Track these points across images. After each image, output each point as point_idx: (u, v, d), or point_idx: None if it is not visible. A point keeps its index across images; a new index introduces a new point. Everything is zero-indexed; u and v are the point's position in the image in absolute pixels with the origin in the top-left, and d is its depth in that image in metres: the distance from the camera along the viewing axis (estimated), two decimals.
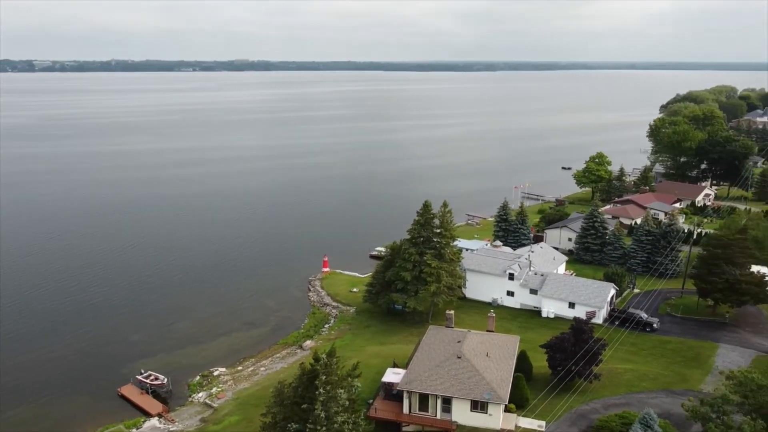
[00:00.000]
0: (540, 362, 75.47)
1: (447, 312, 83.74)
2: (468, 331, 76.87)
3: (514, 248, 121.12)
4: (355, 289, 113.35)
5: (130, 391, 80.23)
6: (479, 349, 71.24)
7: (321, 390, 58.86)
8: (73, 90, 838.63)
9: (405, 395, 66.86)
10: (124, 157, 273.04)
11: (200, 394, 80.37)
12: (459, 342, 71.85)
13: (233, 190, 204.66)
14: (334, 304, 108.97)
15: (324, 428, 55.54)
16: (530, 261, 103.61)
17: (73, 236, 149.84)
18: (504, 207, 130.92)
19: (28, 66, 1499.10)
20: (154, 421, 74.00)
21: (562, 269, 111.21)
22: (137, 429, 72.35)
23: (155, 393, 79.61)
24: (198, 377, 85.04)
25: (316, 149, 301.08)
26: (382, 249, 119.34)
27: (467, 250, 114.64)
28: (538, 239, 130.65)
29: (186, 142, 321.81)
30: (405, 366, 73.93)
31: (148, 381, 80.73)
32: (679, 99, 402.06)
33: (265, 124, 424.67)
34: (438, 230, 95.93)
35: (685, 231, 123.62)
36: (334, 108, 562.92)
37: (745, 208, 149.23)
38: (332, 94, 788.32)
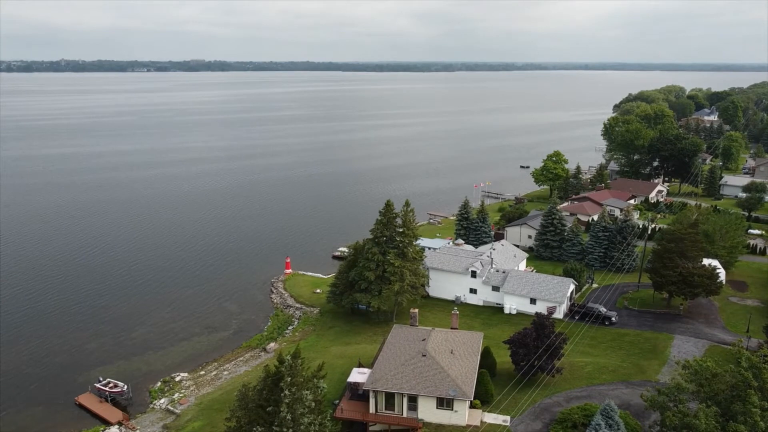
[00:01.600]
0: (503, 358, 76.50)
1: (411, 311, 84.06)
2: (432, 329, 77.29)
3: (476, 246, 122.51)
4: (318, 290, 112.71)
5: (88, 399, 77.89)
6: (444, 346, 71.73)
7: (286, 392, 58.27)
8: (18, 91, 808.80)
9: (371, 395, 66.78)
10: (73, 160, 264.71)
11: (162, 401, 78.60)
12: (423, 340, 72.18)
13: (190, 193, 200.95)
14: (298, 305, 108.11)
15: (290, 430, 55.10)
16: (492, 258, 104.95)
17: (23, 242, 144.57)
18: (465, 206, 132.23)
19: None
20: (114, 430, 72.04)
21: (522, 266, 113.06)
22: None
23: (114, 401, 77.48)
24: (159, 383, 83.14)
25: (274, 150, 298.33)
26: (345, 249, 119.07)
27: (430, 248, 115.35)
28: (498, 237, 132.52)
29: (139, 144, 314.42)
30: (370, 366, 73.89)
31: (107, 389, 78.48)
32: (631, 99, 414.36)
33: (222, 124, 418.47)
34: (400, 229, 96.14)
35: (640, 227, 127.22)
36: (291, 108, 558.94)
37: (696, 204, 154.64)
38: (290, 94, 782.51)
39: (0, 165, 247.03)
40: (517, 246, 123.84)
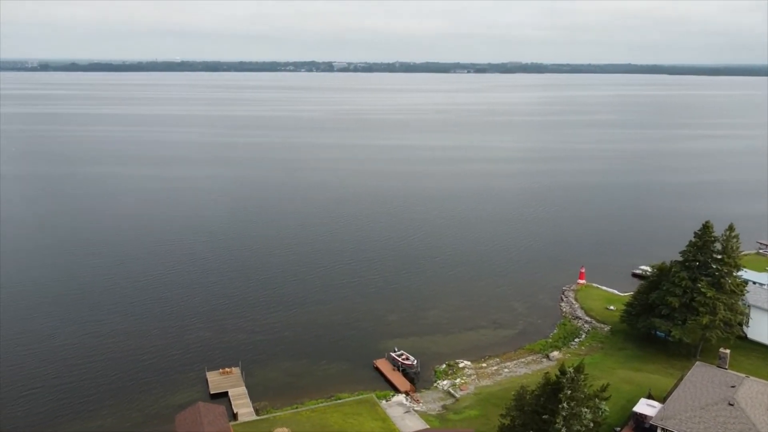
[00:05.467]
0: None
1: (721, 350, 73.65)
2: (746, 376, 66.66)
3: None
4: (611, 307, 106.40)
5: (383, 365, 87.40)
6: (759, 400, 61.27)
7: (564, 404, 56.84)
8: (362, 89, 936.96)
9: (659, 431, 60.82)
10: (389, 151, 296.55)
11: (444, 382, 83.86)
12: (733, 387, 62.75)
13: (490, 190, 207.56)
14: (587, 318, 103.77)
15: None
16: None
17: (350, 223, 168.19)
18: None
19: (328, 67, 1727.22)
20: (401, 398, 79.49)
21: None
22: (386, 401, 78.46)
23: (405, 372, 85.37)
24: (444, 365, 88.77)
25: (577, 155, 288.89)
26: (648, 268, 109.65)
27: (755, 283, 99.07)
28: None
29: (445, 140, 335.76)
30: (662, 400, 67.25)
31: (400, 359, 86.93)
32: None
33: (528, 126, 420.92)
34: (718, 256, 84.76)
35: None
36: (603, 112, 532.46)
37: None
38: (604, 97, 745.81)
39: (355, 152, 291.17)
40: None
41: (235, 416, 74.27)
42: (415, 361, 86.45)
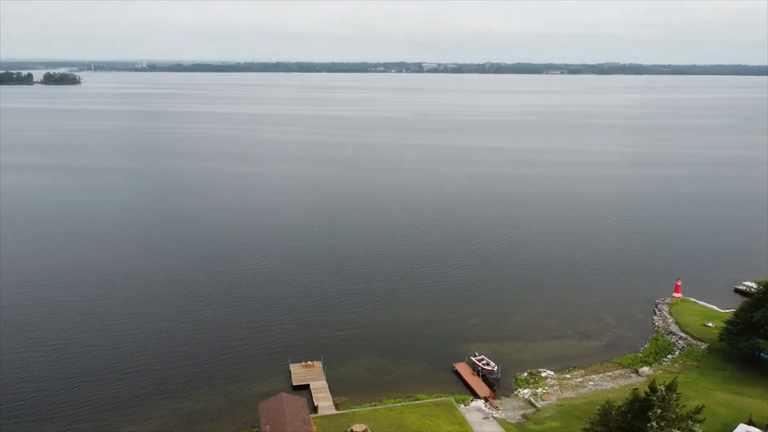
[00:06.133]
0: None
1: None
2: None
3: None
4: (710, 324, 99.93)
5: (463, 369, 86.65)
6: None
7: (654, 424, 54.27)
8: (445, 89, 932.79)
9: None
10: (477, 153, 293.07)
11: (525, 391, 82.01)
12: None
13: (583, 195, 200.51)
14: (682, 334, 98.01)
15: None
16: None
17: (436, 222, 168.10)
18: None
19: (418, 67, 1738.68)
20: (480, 403, 78.50)
21: None
22: (464, 405, 77.75)
23: (485, 377, 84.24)
24: (525, 374, 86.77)
25: (677, 161, 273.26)
26: (753, 284, 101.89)
27: None
28: None
29: (535, 143, 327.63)
30: (764, 427, 62.41)
31: (480, 364, 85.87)
32: None
33: (625, 130, 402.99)
34: None
35: None
36: (708, 117, 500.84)
37: None
38: (706, 101, 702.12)
39: (443, 153, 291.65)
40: None
41: (315, 409, 76.15)
42: (496, 367, 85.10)
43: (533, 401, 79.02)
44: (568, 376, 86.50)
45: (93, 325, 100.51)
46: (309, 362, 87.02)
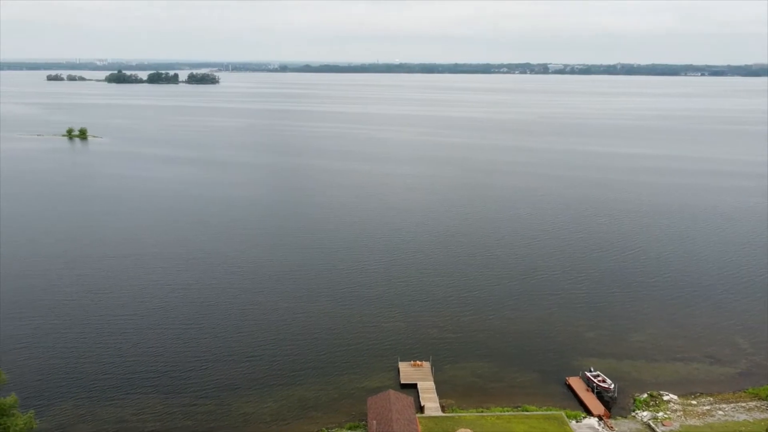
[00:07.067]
0: None
1: None
2: None
3: None
4: None
5: (576, 384, 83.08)
6: None
7: None
8: (574, 92, 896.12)
9: None
10: (600, 158, 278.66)
11: (644, 413, 77.07)
12: None
13: (720, 208, 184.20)
14: None
15: None
16: None
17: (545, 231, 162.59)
18: None
19: (543, 69, 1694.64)
20: (593, 421, 74.92)
21: None
22: (576, 421, 74.54)
23: (599, 394, 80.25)
24: (645, 395, 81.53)
25: None
26: None
27: None
28: None
29: (672, 150, 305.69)
30: None
31: (595, 380, 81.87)
32: None
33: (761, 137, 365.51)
34: None
35: None
36: None
37: None
38: None
39: (563, 158, 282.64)
40: None
41: (421, 409, 76.57)
42: (613, 385, 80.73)
43: (653, 425, 74.06)
44: (693, 402, 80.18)
45: (221, 308, 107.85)
46: (418, 362, 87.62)
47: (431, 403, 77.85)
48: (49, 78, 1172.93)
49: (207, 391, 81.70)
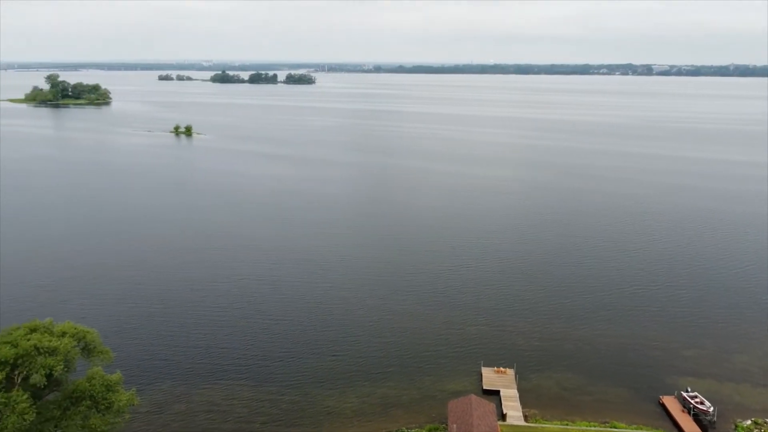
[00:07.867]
0: None
1: None
2: None
3: None
4: None
5: (671, 404, 78.54)
6: None
7: None
8: (680, 94, 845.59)
9: None
10: (705, 165, 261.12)
11: None
12: None
13: None
14: None
15: None
16: None
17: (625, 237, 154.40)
18: None
19: (647, 70, 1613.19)
20: None
21: None
22: None
23: (696, 416, 75.42)
24: (749, 422, 75.72)
25: None
26: None
27: None
28: None
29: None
30: None
31: (692, 402, 76.97)
32: None
33: None
34: None
35: None
36: None
37: None
38: None
39: (665, 164, 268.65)
40: None
41: (503, 417, 75.19)
42: (711, 408, 75.60)
43: None
44: None
45: (310, 304, 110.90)
46: (501, 368, 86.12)
47: (514, 412, 76.28)
48: (161, 78, 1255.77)
49: (293, 382, 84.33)
